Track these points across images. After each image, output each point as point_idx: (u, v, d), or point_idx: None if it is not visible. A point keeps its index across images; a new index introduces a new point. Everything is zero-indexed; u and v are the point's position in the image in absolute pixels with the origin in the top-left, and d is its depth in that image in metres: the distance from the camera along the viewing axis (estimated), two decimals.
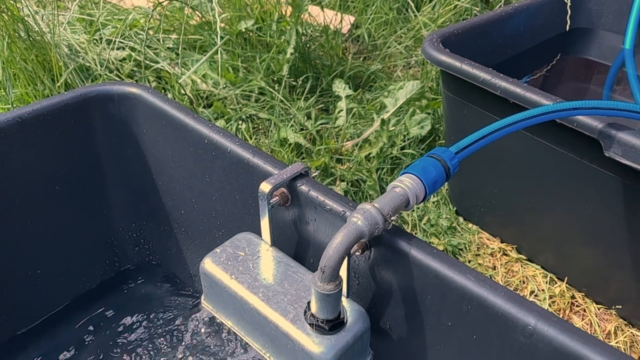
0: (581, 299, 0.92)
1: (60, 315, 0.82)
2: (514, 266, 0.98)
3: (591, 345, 0.43)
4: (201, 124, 0.71)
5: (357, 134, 1.22)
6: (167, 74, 1.29)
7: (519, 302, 0.47)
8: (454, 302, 0.51)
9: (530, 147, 0.85)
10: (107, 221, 0.86)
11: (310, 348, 0.52)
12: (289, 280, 0.59)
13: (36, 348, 0.78)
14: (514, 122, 0.61)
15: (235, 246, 0.63)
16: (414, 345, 0.57)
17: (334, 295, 0.51)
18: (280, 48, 1.36)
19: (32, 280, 0.79)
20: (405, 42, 1.58)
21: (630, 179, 0.74)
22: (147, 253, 0.90)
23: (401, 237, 0.54)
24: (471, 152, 0.58)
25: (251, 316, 0.58)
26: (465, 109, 0.94)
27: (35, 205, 0.76)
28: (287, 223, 0.65)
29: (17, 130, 0.71)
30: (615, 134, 0.70)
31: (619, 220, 0.79)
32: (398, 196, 0.52)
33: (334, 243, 0.49)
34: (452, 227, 1.05)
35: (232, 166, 0.69)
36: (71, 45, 1.29)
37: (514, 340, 0.48)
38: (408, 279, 0.54)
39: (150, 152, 0.80)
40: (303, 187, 0.61)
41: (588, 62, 1.36)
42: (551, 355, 0.45)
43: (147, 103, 0.77)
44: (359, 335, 0.55)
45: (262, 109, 1.29)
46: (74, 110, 0.77)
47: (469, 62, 0.86)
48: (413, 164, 0.55)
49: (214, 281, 0.61)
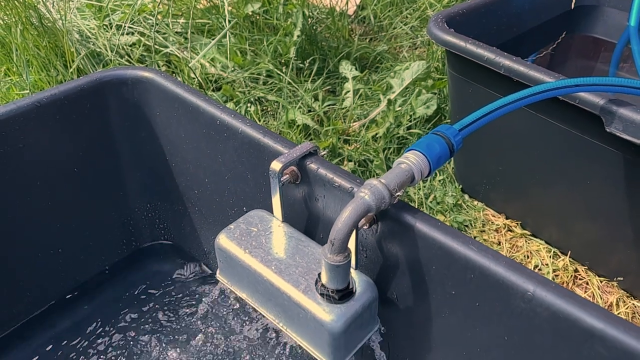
0: (584, 272, 0.94)
1: (81, 292, 0.86)
2: (518, 241, 1.00)
3: (587, 309, 0.46)
4: (213, 106, 0.73)
5: (364, 115, 1.24)
6: (177, 58, 1.31)
7: (518, 269, 0.50)
8: (458, 271, 0.54)
9: (533, 124, 0.87)
10: (123, 202, 0.89)
11: (321, 316, 0.55)
12: (300, 254, 0.62)
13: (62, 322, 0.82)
14: (517, 99, 0.63)
15: (248, 222, 0.66)
16: (420, 314, 0.60)
17: (343, 267, 0.54)
18: (287, 30, 1.38)
19: (55, 259, 0.82)
20: (411, 22, 1.58)
21: (631, 153, 0.76)
22: (162, 232, 0.93)
23: (407, 211, 0.57)
24: (475, 129, 0.60)
25: (265, 288, 0.61)
26: (470, 88, 0.96)
27: (54, 187, 0.80)
28: (297, 200, 0.67)
29: (36, 114, 0.74)
30: (616, 109, 0.71)
31: (620, 195, 0.81)
32: (403, 172, 0.55)
33: (342, 216, 0.52)
34: (458, 204, 1.07)
35: (243, 146, 0.71)
36: (82, 31, 1.31)
37: (515, 306, 0.50)
38: (414, 250, 0.57)
39: (163, 134, 0.83)
40: (312, 165, 0.64)
41: (594, 39, 1.36)
42: (549, 318, 0.48)
43: (159, 87, 0.79)
44: (367, 305, 0.57)
45: (270, 92, 1.31)
46: (90, 94, 0.79)
47: (473, 42, 0.87)
48: (418, 141, 0.57)
49: (228, 256, 0.64)
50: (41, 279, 0.82)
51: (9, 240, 0.77)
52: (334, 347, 0.57)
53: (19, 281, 0.79)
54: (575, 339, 0.47)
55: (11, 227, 0.76)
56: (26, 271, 0.80)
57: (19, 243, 0.78)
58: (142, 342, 0.80)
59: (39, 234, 0.80)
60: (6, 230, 0.76)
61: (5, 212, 0.75)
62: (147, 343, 0.80)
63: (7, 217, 0.75)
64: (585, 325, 0.46)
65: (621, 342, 0.44)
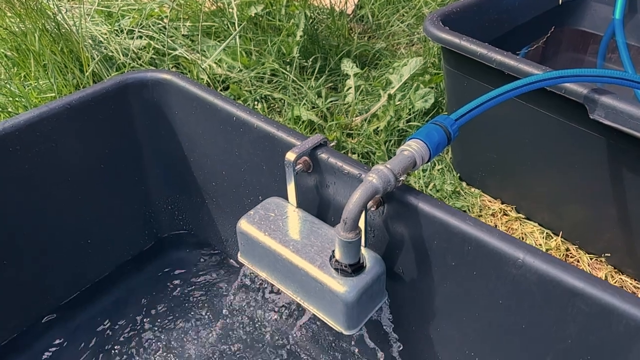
0: (575, 250, 1.01)
1: (108, 280, 0.93)
2: (513, 224, 1.07)
3: (569, 271, 0.53)
4: (229, 104, 0.80)
5: (366, 110, 1.31)
6: (185, 59, 1.38)
7: (509, 240, 0.57)
8: (457, 244, 0.60)
9: (524, 114, 0.93)
10: (145, 195, 0.95)
11: (336, 288, 0.62)
12: (314, 235, 0.69)
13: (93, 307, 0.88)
14: (508, 90, 0.70)
15: (266, 209, 0.73)
16: (424, 285, 0.67)
17: (354, 243, 0.61)
18: (290, 31, 1.44)
19: (84, 249, 0.89)
20: (407, 20, 1.65)
21: (614, 138, 0.82)
22: (181, 222, 1.00)
23: (410, 193, 0.63)
24: (469, 118, 0.67)
25: (283, 266, 0.68)
26: (465, 82, 1.03)
27: (83, 181, 0.86)
28: (310, 187, 0.74)
29: (67, 115, 0.81)
30: (598, 98, 0.78)
31: (605, 177, 0.88)
32: (406, 158, 0.61)
33: (353, 198, 0.59)
34: (456, 191, 1.14)
35: (258, 140, 0.78)
36: (94, 36, 1.38)
37: (507, 272, 0.57)
38: (417, 228, 0.63)
39: (182, 131, 0.90)
40: (323, 155, 0.70)
41: (583, 32, 1.43)
42: (537, 282, 0.55)
43: (178, 87, 0.86)
44: (376, 277, 0.64)
45: (275, 90, 1.37)
46: (114, 96, 0.86)
47: (467, 39, 0.94)
48: (419, 130, 0.63)
49: (249, 239, 0.70)
50: (74, 267, 0.88)
51: (44, 232, 0.83)
52: (347, 316, 0.63)
53: (54, 269, 0.86)
54: (560, 298, 0.54)
55: (48, 220, 0.83)
56: (60, 260, 0.86)
57: (54, 234, 0.84)
58: (166, 323, 0.87)
59: (71, 225, 0.86)
60: (42, 223, 0.82)
61: (42, 205, 0.82)
62: (171, 323, 0.86)
63: (42, 210, 0.82)
64: (568, 285, 0.53)
65: (599, 299, 0.51)
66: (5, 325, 0.83)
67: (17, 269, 0.81)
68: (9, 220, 0.79)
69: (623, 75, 0.74)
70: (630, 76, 0.74)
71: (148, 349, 0.83)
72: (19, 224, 0.80)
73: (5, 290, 0.81)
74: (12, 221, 0.79)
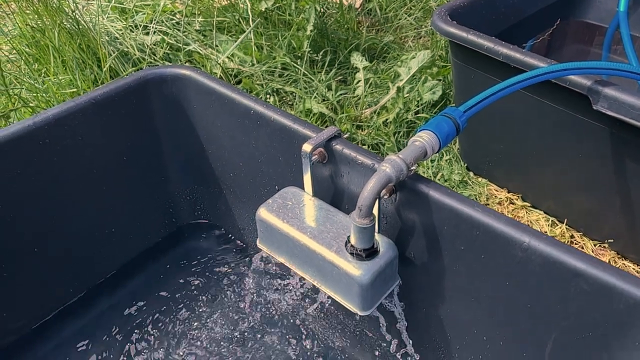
0: (579, 237, 1.04)
1: (131, 267, 0.97)
2: (519, 212, 1.11)
3: (571, 253, 0.56)
4: (247, 98, 0.84)
5: (375, 102, 1.34)
6: (198, 54, 1.42)
7: (515, 225, 0.60)
8: (466, 230, 0.64)
9: (530, 105, 0.96)
10: (165, 186, 1.00)
11: (351, 272, 0.66)
12: (330, 222, 0.72)
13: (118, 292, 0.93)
14: (514, 83, 0.73)
15: (283, 197, 0.77)
16: (434, 269, 0.71)
17: (369, 229, 0.64)
18: (300, 25, 1.47)
19: (109, 238, 0.93)
20: (415, 13, 1.68)
21: (617, 128, 0.86)
22: (200, 212, 1.04)
23: (421, 181, 0.67)
24: (477, 110, 0.70)
25: (301, 251, 0.71)
26: (472, 75, 1.06)
27: (107, 173, 0.90)
28: (325, 177, 0.78)
29: (92, 110, 0.85)
30: (601, 89, 0.81)
31: (608, 166, 0.91)
32: (418, 148, 0.65)
33: (368, 186, 0.62)
34: (464, 181, 1.17)
35: (275, 132, 0.81)
36: (110, 32, 1.41)
37: (513, 255, 0.61)
38: (428, 214, 0.67)
39: (200, 124, 0.93)
40: (337, 146, 0.74)
41: (588, 24, 1.45)
42: (542, 263, 0.58)
43: (196, 82, 0.90)
44: (389, 261, 0.68)
45: (287, 83, 1.41)
46: (136, 91, 0.90)
47: (474, 33, 0.97)
48: (429, 122, 0.67)
49: (268, 226, 0.74)
50: (99, 254, 0.93)
51: (71, 222, 0.87)
52: (362, 298, 0.67)
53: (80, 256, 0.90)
54: (563, 279, 0.57)
55: (74, 210, 0.87)
56: (86, 247, 0.91)
57: (80, 224, 0.89)
58: (186, 307, 0.91)
59: (96, 215, 0.91)
60: (70, 213, 0.87)
61: (69, 196, 0.86)
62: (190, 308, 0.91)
63: (70, 201, 0.86)
64: (571, 266, 0.56)
65: (600, 279, 0.55)
66: (36, 312, 0.88)
67: (45, 256, 0.86)
68: (40, 211, 0.83)
69: (626, 68, 0.77)
70: (633, 68, 0.77)
71: (171, 331, 0.87)
72: (49, 215, 0.84)
73: (35, 276, 0.85)
74: (42, 211, 0.83)
